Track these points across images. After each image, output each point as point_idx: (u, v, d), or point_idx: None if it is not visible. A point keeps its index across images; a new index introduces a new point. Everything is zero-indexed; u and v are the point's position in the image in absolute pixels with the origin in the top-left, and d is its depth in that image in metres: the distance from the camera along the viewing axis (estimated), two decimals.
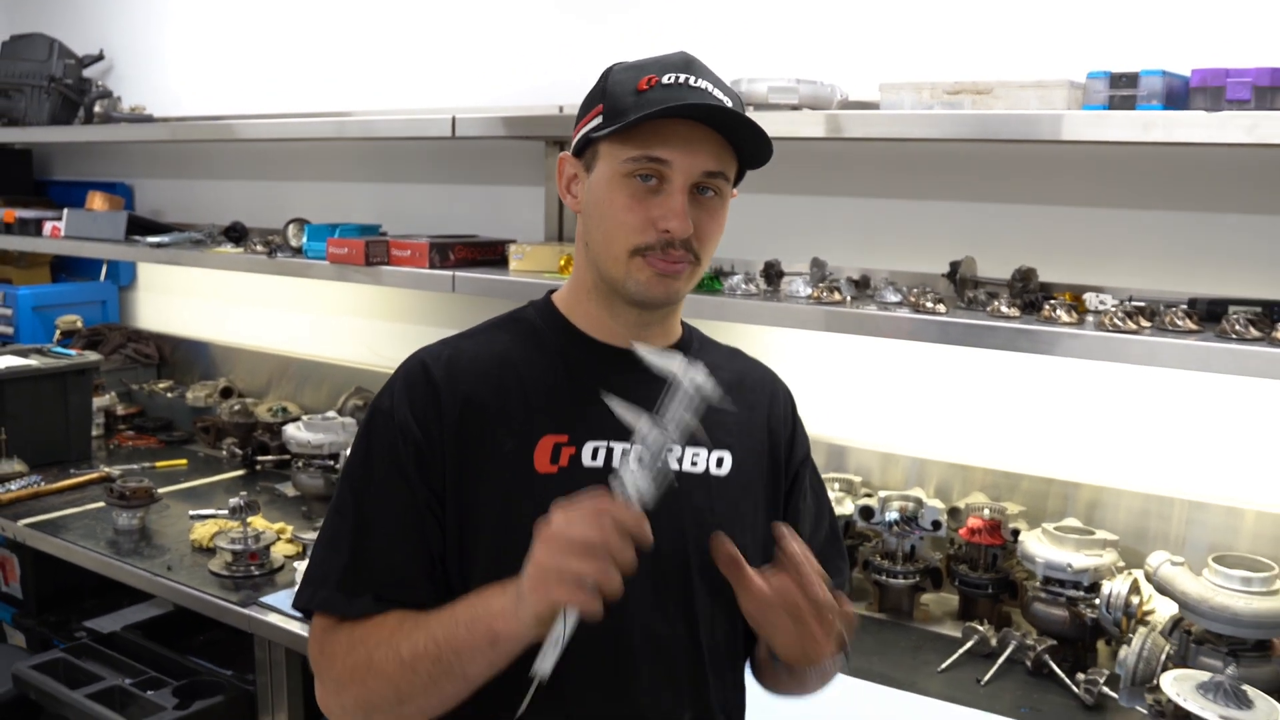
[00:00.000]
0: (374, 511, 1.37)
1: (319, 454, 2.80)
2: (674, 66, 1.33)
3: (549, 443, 1.36)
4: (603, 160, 1.34)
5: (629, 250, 1.32)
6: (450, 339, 1.46)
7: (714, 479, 1.43)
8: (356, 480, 1.40)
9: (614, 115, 1.30)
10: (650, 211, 1.30)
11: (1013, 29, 2.22)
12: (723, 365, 1.50)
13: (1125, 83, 1.79)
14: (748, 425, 1.50)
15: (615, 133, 1.29)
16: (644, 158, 1.29)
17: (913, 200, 2.42)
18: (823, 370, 2.54)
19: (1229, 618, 1.78)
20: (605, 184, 1.33)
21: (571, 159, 1.40)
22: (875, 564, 2.26)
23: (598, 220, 1.35)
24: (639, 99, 1.29)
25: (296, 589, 1.42)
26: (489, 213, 3.11)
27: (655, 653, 1.38)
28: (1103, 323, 1.87)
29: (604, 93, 1.34)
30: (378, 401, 1.42)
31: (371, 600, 1.34)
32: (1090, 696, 1.86)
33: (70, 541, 2.55)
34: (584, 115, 1.38)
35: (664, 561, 1.37)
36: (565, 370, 1.41)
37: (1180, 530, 2.14)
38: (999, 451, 2.36)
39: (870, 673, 1.97)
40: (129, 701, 2.23)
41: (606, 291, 1.39)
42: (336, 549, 1.38)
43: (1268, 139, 1.65)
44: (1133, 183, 2.17)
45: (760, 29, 2.53)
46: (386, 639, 1.30)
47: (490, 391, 1.37)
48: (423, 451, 1.35)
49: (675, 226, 1.29)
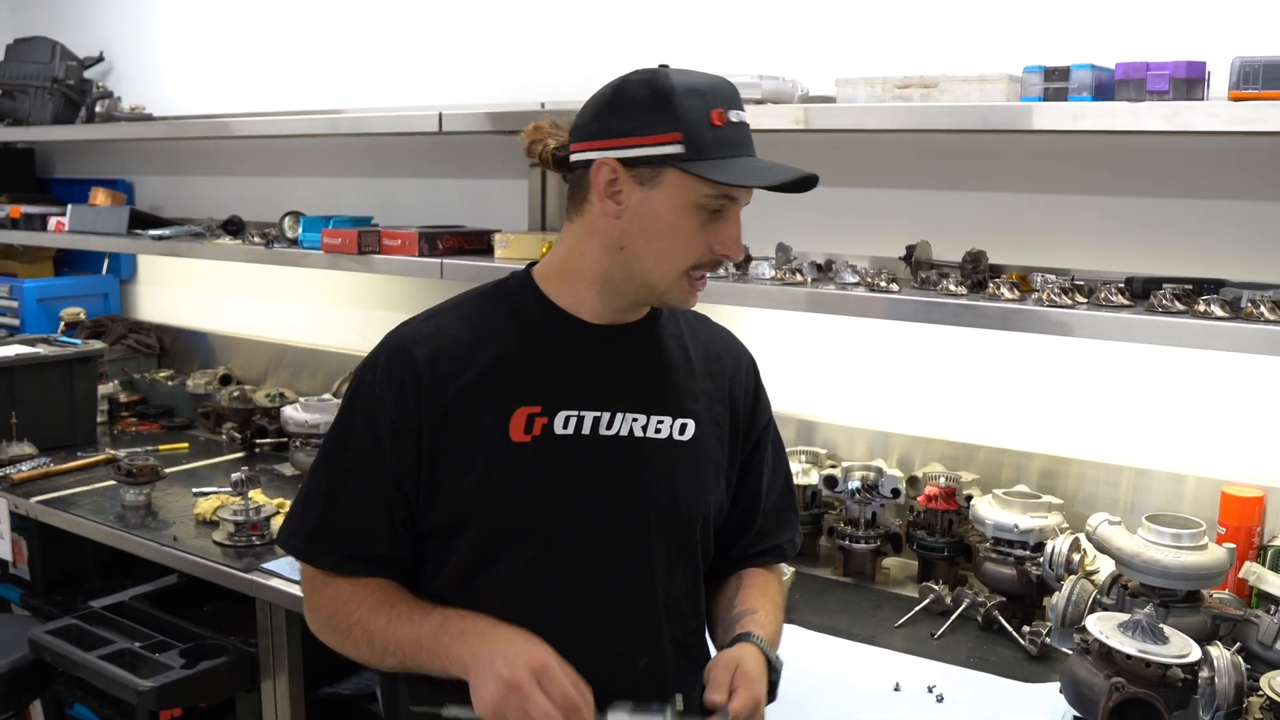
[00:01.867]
0: (345, 478, 1.50)
1: (315, 433, 2.92)
2: (729, 99, 1.42)
3: (524, 414, 1.47)
4: (675, 186, 1.39)
5: (684, 269, 1.44)
6: (434, 314, 1.55)
7: (676, 444, 1.55)
8: (334, 447, 1.53)
9: (697, 149, 1.36)
10: (710, 238, 1.43)
11: (956, 26, 2.35)
12: (692, 331, 1.64)
13: (1058, 76, 1.92)
14: (713, 394, 1.61)
15: (699, 171, 1.37)
16: (724, 196, 1.41)
17: (872, 189, 2.55)
18: (790, 349, 2.66)
19: (1159, 571, 1.89)
20: (675, 210, 1.40)
21: (621, 168, 1.40)
22: (839, 530, 2.39)
23: (656, 238, 1.42)
24: (716, 136, 1.38)
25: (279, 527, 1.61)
26: (475, 204, 3.22)
27: (611, 603, 1.50)
28: (1041, 299, 2.00)
29: (680, 120, 1.36)
30: (361, 373, 1.52)
31: (339, 558, 1.50)
32: (1034, 647, 1.99)
33: (80, 516, 2.66)
34: (641, 129, 1.38)
35: (623, 520, 1.51)
36: (542, 344, 1.51)
37: (1128, 496, 2.28)
38: (956, 424, 2.50)
39: (834, 629, 2.09)
40: (138, 663, 2.33)
41: (619, 290, 1.49)
42: (309, 506, 1.53)
43: (1186, 127, 1.79)
44: (1070, 170, 2.30)
45: (726, 28, 2.65)
46: (364, 619, 1.47)
47: (472, 371, 1.47)
48: (398, 429, 1.46)
49: (735, 253, 1.45)
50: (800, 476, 2.44)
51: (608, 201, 1.42)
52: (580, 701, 1.33)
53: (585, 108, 1.47)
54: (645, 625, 1.53)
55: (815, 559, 2.48)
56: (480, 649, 1.37)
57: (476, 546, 1.48)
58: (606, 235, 1.45)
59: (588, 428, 1.49)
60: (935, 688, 1.84)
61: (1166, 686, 1.62)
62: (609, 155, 1.40)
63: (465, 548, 1.48)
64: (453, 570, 1.50)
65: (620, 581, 1.51)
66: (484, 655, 1.36)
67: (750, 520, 1.70)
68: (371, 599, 1.48)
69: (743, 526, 1.70)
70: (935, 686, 1.84)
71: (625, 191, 1.41)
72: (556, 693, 1.31)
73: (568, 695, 1.32)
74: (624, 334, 1.55)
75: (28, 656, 2.52)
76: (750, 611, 1.57)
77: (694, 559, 1.60)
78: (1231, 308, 1.84)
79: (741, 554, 1.70)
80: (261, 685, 2.38)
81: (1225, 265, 2.11)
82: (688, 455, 1.56)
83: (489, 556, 1.48)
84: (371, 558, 1.50)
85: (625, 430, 1.51)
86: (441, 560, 1.51)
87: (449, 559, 1.50)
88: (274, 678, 2.35)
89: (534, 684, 1.31)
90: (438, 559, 1.51)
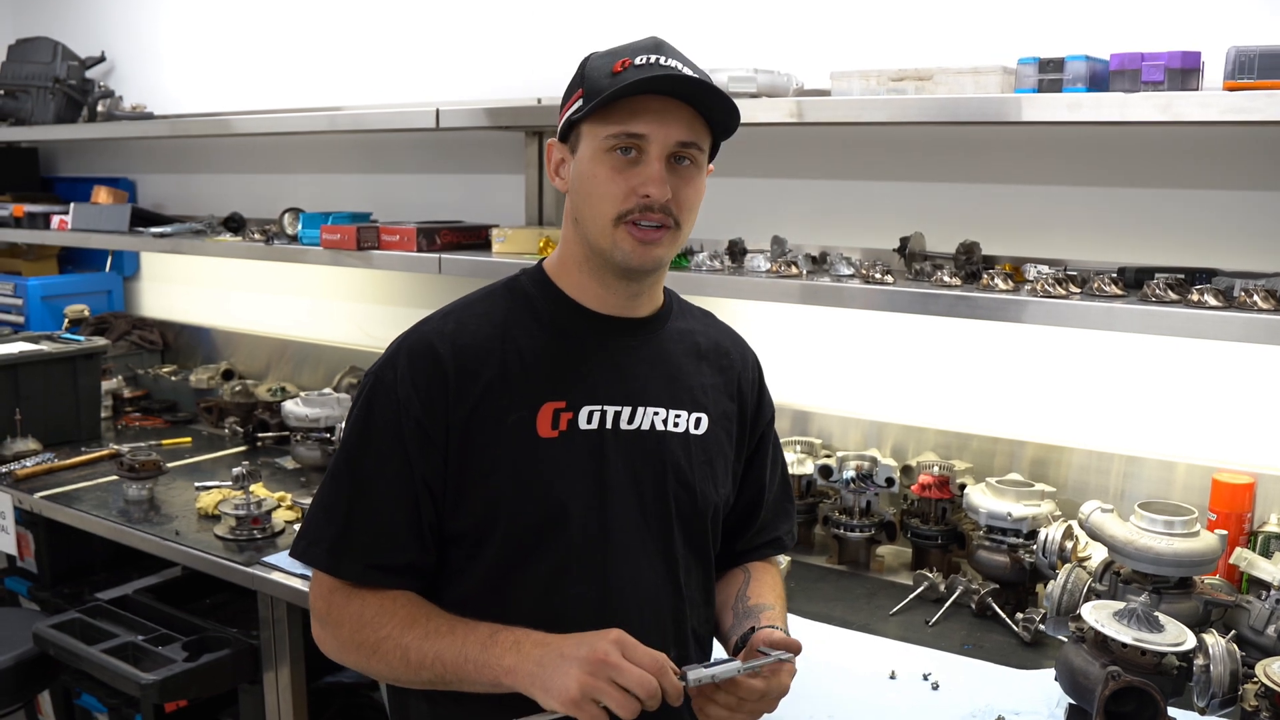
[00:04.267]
0: (369, 482, 1.45)
1: (316, 427, 2.95)
2: (645, 49, 1.43)
3: (549, 409, 1.46)
4: (585, 140, 1.44)
5: (613, 218, 1.42)
6: (451, 312, 1.53)
7: (693, 437, 1.57)
8: (355, 450, 1.47)
9: (592, 97, 1.40)
10: (630, 181, 1.41)
11: (950, 19, 2.36)
12: (702, 328, 1.66)
13: (1052, 67, 1.92)
14: (723, 389, 1.63)
15: (593, 112, 1.40)
16: (622, 133, 1.40)
17: (866, 181, 2.56)
18: (786, 341, 2.68)
19: (1152, 558, 1.89)
20: (589, 161, 1.43)
21: (558, 144, 1.50)
22: (834, 519, 2.40)
23: (584, 195, 1.45)
24: (614, 80, 1.39)
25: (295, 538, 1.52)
26: (472, 199, 3.24)
27: (641, 596, 1.51)
28: (1035, 289, 2.01)
29: (583, 78, 1.44)
30: (380, 373, 1.48)
31: (363, 568, 1.44)
32: (1028, 634, 2.01)
33: (84, 511, 2.68)
34: (566, 101, 1.47)
35: (649, 513, 1.52)
36: (561, 338, 1.51)
37: (1119, 484, 2.29)
38: (950, 413, 2.51)
39: (830, 617, 2.11)
40: (141, 656, 2.35)
41: (598, 264, 1.48)
42: (331, 514, 1.47)
43: (1180, 117, 1.79)
44: (1064, 161, 2.32)
45: (721, 22, 2.67)
46: (395, 635, 1.41)
47: (495, 368, 1.46)
48: (425, 429, 1.43)
49: (654, 191, 1.40)
50: (795, 466, 2.46)
51: (558, 179, 1.51)
52: (665, 664, 1.31)
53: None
54: (672, 617, 1.55)
55: (810, 547, 2.50)
56: (544, 651, 1.34)
57: (507, 546, 1.46)
58: (567, 212, 1.51)
59: (610, 422, 1.49)
60: (930, 675, 1.85)
61: (1162, 674, 1.63)
62: (553, 138, 1.51)
63: (495, 548, 1.46)
64: (481, 573, 1.47)
65: (649, 575, 1.52)
66: (550, 653, 1.33)
67: (754, 513, 1.72)
68: (401, 613, 1.43)
69: (747, 520, 1.72)
70: (931, 674, 1.86)
71: (566, 163, 1.49)
72: (642, 658, 1.29)
73: (654, 658, 1.30)
74: (638, 327, 1.56)
75: (33, 650, 2.55)
76: (768, 606, 1.59)
77: (707, 550, 1.63)
78: (1224, 297, 1.84)
79: (745, 546, 1.73)
80: (264, 677, 2.40)
81: (1217, 254, 2.12)
82: (702, 448, 1.58)
83: (519, 556, 1.46)
84: (397, 567, 1.45)
85: (646, 424, 1.52)
86: (465, 565, 1.48)
87: (475, 562, 1.47)
88: (276, 669, 2.38)
89: (619, 654, 1.29)
90: (460, 565, 1.49)
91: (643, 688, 1.26)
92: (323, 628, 1.49)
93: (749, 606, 1.59)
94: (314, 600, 1.50)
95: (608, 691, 1.26)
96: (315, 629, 1.51)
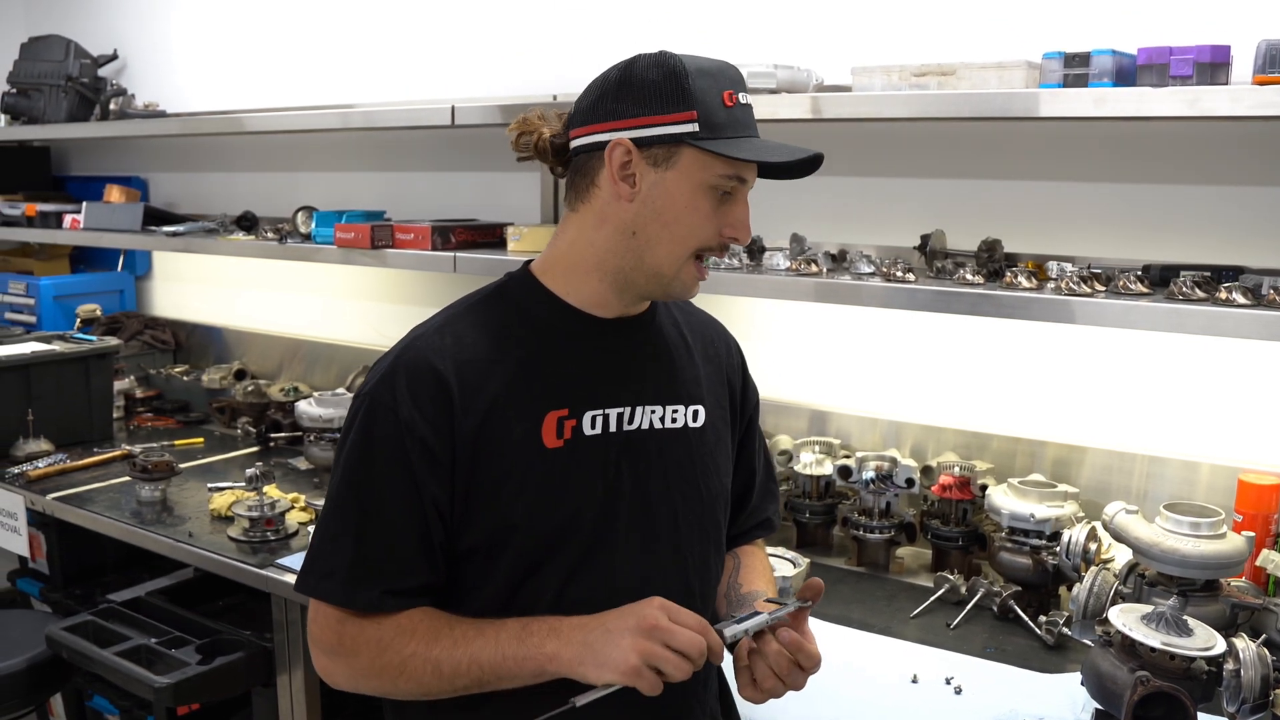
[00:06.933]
0: (376, 506, 1.41)
1: (329, 428, 2.94)
2: (736, 82, 1.41)
3: (553, 418, 1.44)
4: (689, 166, 1.37)
5: (692, 251, 1.42)
6: (444, 324, 1.48)
7: (692, 431, 1.56)
8: (357, 474, 1.42)
9: (711, 128, 1.36)
10: (720, 220, 1.41)
11: (973, 13, 2.33)
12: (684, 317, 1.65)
13: (1078, 62, 1.90)
14: (715, 379, 1.63)
15: (710, 143, 1.36)
16: (735, 177, 1.39)
17: (886, 178, 2.53)
18: (805, 339, 2.66)
19: (1178, 560, 1.87)
20: (690, 189, 1.38)
21: (635, 150, 1.37)
22: (853, 520, 2.38)
23: (668, 221, 1.39)
24: (730, 116, 1.37)
25: (299, 573, 1.46)
26: (487, 197, 3.22)
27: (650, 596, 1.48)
28: (1059, 287, 1.98)
29: (694, 100, 1.35)
30: (376, 394, 1.41)
31: (379, 595, 1.40)
32: (1051, 637, 1.98)
33: (96, 513, 2.67)
34: (658, 111, 1.36)
35: (656, 513, 1.50)
36: (560, 344, 1.48)
37: (1141, 484, 2.26)
38: (970, 413, 2.49)
39: (849, 619, 2.09)
40: (155, 659, 2.34)
41: (630, 280, 1.45)
42: (339, 544, 1.42)
43: (1209, 112, 1.76)
44: (1089, 157, 2.28)
45: (740, 17, 2.64)
46: (422, 650, 1.38)
47: (497, 381, 1.42)
48: (431, 449, 1.39)
49: (743, 236, 1.44)
50: (814, 467, 2.45)
51: (621, 184, 1.39)
52: (706, 624, 1.33)
53: (588, 92, 1.44)
54: None
55: (829, 549, 2.48)
56: (587, 631, 1.34)
57: (520, 558, 1.43)
58: (618, 221, 1.42)
59: (613, 425, 1.48)
60: (953, 679, 1.83)
61: (1191, 679, 1.61)
62: (623, 136, 1.37)
63: (507, 562, 1.43)
64: (495, 587, 1.45)
65: (659, 575, 1.50)
66: (596, 629, 1.33)
67: (747, 497, 1.75)
68: (422, 628, 1.40)
69: (740, 504, 1.73)
70: (953, 678, 1.83)
71: (639, 174, 1.38)
72: (688, 619, 1.31)
73: (697, 619, 1.32)
74: (631, 326, 1.53)
75: (46, 653, 2.54)
76: (760, 594, 1.59)
77: (720, 542, 1.63)
78: (1253, 295, 1.81)
79: (738, 530, 1.73)
80: (277, 680, 2.38)
81: (1245, 252, 2.09)
82: (702, 441, 1.57)
83: (531, 567, 1.44)
84: (412, 590, 1.42)
85: (646, 424, 1.51)
86: (478, 580, 1.46)
87: (488, 576, 1.45)
88: (289, 672, 2.36)
89: (666, 618, 1.30)
90: (472, 581, 1.46)
91: (694, 647, 1.29)
92: (333, 659, 1.45)
93: (741, 595, 1.59)
94: (319, 633, 1.45)
95: (664, 655, 1.28)
96: (322, 662, 1.47)
